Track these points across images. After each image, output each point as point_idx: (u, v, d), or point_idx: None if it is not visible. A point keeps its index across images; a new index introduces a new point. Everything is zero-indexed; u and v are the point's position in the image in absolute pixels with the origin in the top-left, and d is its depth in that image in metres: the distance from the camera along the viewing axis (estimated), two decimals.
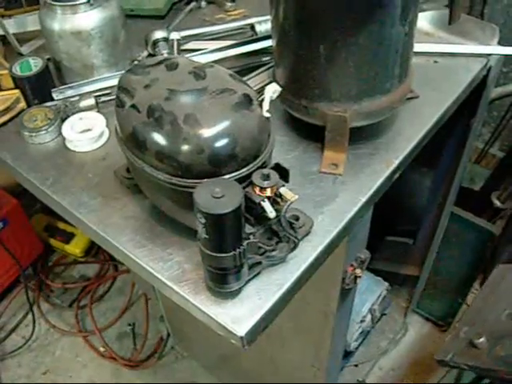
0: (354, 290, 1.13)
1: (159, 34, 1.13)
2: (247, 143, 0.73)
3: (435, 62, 1.15)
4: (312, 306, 1.17)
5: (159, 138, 0.72)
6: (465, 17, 1.21)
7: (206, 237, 0.68)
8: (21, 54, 1.20)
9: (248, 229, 0.73)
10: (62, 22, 1.03)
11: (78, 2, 1.02)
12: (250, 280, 0.78)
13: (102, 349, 1.99)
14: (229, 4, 1.28)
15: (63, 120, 1.03)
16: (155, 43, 1.13)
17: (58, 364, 2.00)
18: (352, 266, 1.01)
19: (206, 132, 0.71)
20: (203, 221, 0.66)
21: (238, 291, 0.77)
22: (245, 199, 0.71)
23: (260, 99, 0.76)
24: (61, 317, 2.11)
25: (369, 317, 1.58)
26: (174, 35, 1.14)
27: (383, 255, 1.77)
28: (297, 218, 0.83)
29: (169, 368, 1.95)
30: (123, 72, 0.82)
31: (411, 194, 1.68)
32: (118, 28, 1.07)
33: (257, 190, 0.72)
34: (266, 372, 1.62)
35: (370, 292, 1.59)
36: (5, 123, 1.07)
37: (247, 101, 0.74)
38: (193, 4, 1.30)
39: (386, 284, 1.64)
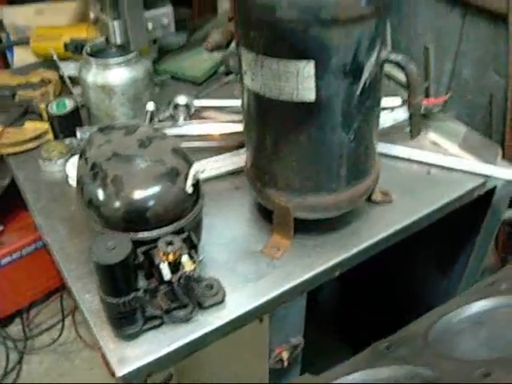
0: (291, 375, 1.15)
1: (181, 100, 1.27)
2: (161, 211, 0.83)
3: (428, 172, 1.18)
4: (252, 377, 1.21)
5: (91, 190, 0.84)
6: (475, 135, 1.23)
7: (98, 281, 0.78)
8: (71, 94, 1.38)
9: (142, 283, 0.82)
10: (94, 75, 1.20)
11: (110, 61, 1.18)
12: (147, 330, 0.86)
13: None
14: None
15: (72, 156, 1.18)
16: (176, 107, 1.26)
17: (75, 371, 2.15)
18: (281, 347, 1.05)
19: (125, 194, 0.82)
20: (95, 267, 0.77)
21: (132, 336, 0.86)
22: (148, 259, 0.82)
23: (187, 176, 0.85)
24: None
25: None
26: (196, 102, 1.27)
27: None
28: (211, 287, 0.91)
29: None
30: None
31: (427, 297, 1.66)
32: (140, 88, 1.21)
33: (161, 253, 0.81)
34: None
35: None
36: (32, 149, 1.24)
37: (173, 174, 0.85)
38: (230, 77, 1.42)
39: None
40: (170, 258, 0.81)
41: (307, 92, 0.82)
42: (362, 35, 0.80)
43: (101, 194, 0.83)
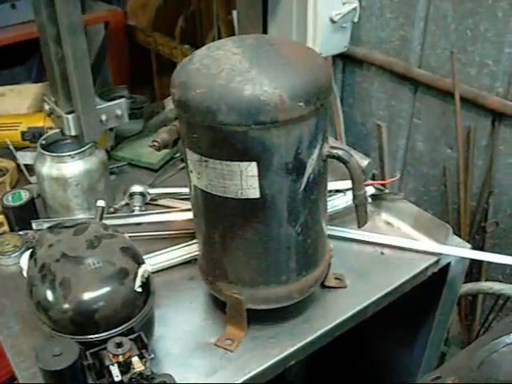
0: None
1: (136, 189, 1.28)
2: (109, 312, 0.83)
3: (382, 253, 1.20)
4: None
5: (40, 292, 0.85)
6: (426, 214, 1.27)
7: None
8: (29, 182, 1.38)
9: None
10: (48, 167, 1.21)
11: (63, 154, 1.20)
12: None
13: None
14: None
15: (27, 249, 1.17)
16: (132, 195, 1.28)
17: None
18: None
19: (74, 296, 0.82)
20: (41, 373, 0.76)
21: None
22: (98, 361, 0.81)
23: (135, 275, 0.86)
24: None
25: None
26: (151, 191, 1.29)
27: None
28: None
29: None
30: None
31: (393, 371, 1.66)
32: (95, 179, 1.23)
33: (110, 355, 0.81)
34: None
35: None
36: None
37: (122, 275, 0.85)
38: None
39: None
40: (120, 359, 0.81)
41: (251, 190, 0.84)
42: (302, 134, 0.83)
43: (49, 297, 0.83)
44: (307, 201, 0.90)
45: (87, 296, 0.82)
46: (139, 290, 0.85)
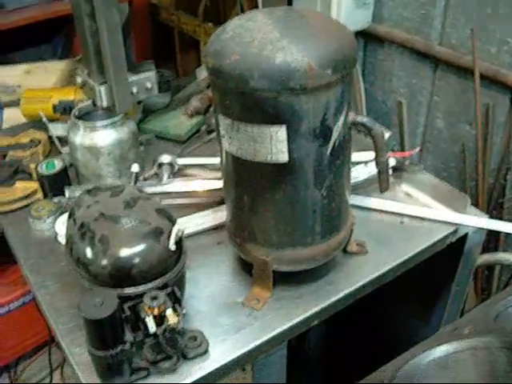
0: None
1: (165, 159, 1.33)
2: (145, 268, 0.88)
3: (401, 222, 1.24)
4: None
5: (79, 249, 0.89)
6: (445, 185, 1.31)
7: (87, 335, 0.83)
8: (60, 153, 1.43)
9: (128, 336, 0.86)
10: (81, 137, 1.26)
11: (96, 124, 1.24)
12: (136, 380, 0.90)
13: None
14: None
15: (61, 214, 1.23)
16: (160, 165, 1.33)
17: None
18: None
19: (112, 252, 0.87)
20: (83, 322, 0.81)
21: None
22: (134, 313, 0.86)
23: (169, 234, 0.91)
24: None
25: None
26: (179, 161, 1.34)
27: None
28: (195, 338, 0.95)
29: None
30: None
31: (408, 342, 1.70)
32: (126, 149, 1.28)
33: (146, 307, 0.86)
34: None
35: None
36: (22, 208, 1.29)
37: (157, 233, 0.90)
38: (213, 135, 1.49)
39: None
40: (155, 312, 0.86)
41: (280, 154, 0.89)
42: (329, 100, 0.87)
43: (89, 253, 0.88)
44: (333, 165, 0.94)
45: (124, 252, 0.87)
46: (173, 248, 0.90)
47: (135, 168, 1.05)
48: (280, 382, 1.10)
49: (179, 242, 0.93)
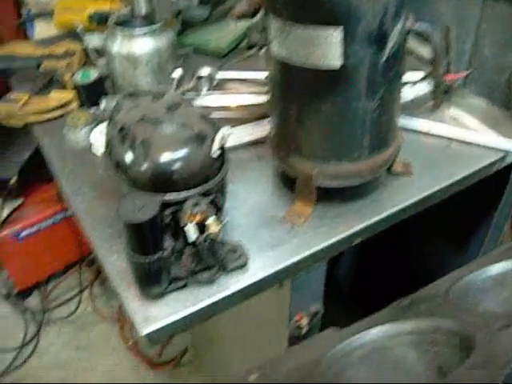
0: None
1: (205, 71, 1.28)
2: (187, 173, 0.84)
3: (448, 146, 1.18)
4: (271, 346, 1.24)
5: (120, 152, 0.86)
6: (495, 109, 1.24)
7: (126, 240, 0.80)
8: (95, 65, 1.39)
9: (167, 243, 0.84)
10: (119, 45, 1.21)
11: (135, 31, 1.20)
12: (173, 290, 0.89)
13: (130, 342, 2.15)
14: None
15: (97, 124, 1.20)
16: (200, 78, 1.28)
17: (91, 343, 2.19)
18: (301, 315, 1.07)
19: (153, 156, 0.83)
20: (123, 226, 0.79)
21: (157, 296, 0.88)
22: (175, 219, 0.84)
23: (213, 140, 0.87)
24: (107, 303, 2.31)
25: None
26: (219, 74, 1.29)
27: None
28: (234, 251, 0.93)
29: (181, 378, 2.06)
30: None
31: (442, 274, 1.67)
32: (164, 59, 1.23)
33: (187, 214, 0.83)
34: None
35: None
36: (57, 118, 1.26)
37: (200, 139, 0.86)
38: (253, 50, 1.43)
39: None
40: (197, 219, 0.83)
41: (333, 59, 0.83)
42: (388, 2, 0.81)
43: (129, 157, 0.85)
44: (386, 76, 0.89)
45: (166, 157, 0.84)
46: (216, 154, 0.87)
47: (177, 73, 1.00)
48: (317, 302, 1.09)
49: (222, 149, 0.89)
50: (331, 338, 0.63)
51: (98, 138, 1.16)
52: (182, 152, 0.84)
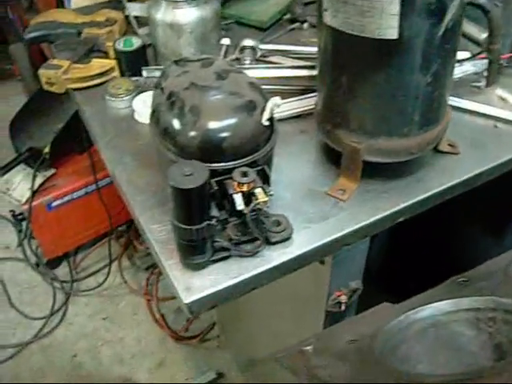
0: (344, 317, 1.17)
1: (248, 42, 1.26)
2: (237, 142, 0.83)
3: (495, 126, 1.16)
4: (308, 321, 1.23)
5: (167, 118, 0.85)
6: None
7: (173, 207, 0.79)
8: (136, 34, 1.38)
9: (214, 212, 0.83)
10: (163, 13, 1.20)
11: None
12: (215, 261, 0.88)
13: (157, 315, 2.17)
14: None
15: (139, 93, 1.19)
16: (243, 49, 1.26)
17: (118, 315, 2.21)
18: (340, 291, 1.06)
19: (202, 123, 0.82)
20: (171, 193, 0.78)
21: (201, 266, 0.87)
22: (221, 189, 0.83)
23: (264, 108, 0.85)
24: (135, 276, 2.32)
25: None
26: (262, 46, 1.27)
27: None
28: (279, 224, 0.91)
29: (207, 352, 2.08)
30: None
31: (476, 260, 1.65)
32: (208, 28, 1.21)
33: (235, 184, 0.82)
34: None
35: None
36: (98, 85, 1.25)
37: (251, 106, 0.85)
38: (296, 24, 1.41)
39: None
40: (244, 188, 0.82)
41: (390, 30, 0.81)
42: None
43: (177, 123, 0.84)
44: (442, 49, 0.86)
45: (216, 124, 0.82)
46: (266, 123, 0.85)
47: (226, 41, 0.98)
48: (357, 279, 1.07)
49: (271, 119, 0.87)
50: (387, 312, 0.62)
51: (141, 107, 1.15)
52: (232, 120, 0.83)
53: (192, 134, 0.82)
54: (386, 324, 0.59)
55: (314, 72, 1.18)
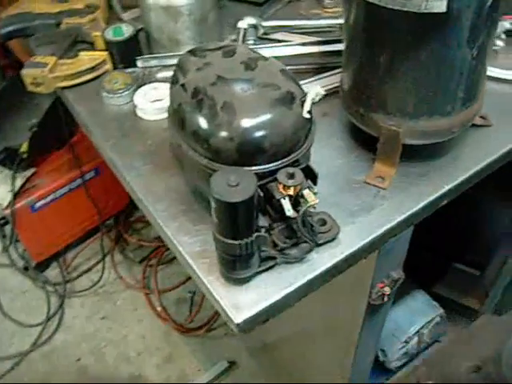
0: (385, 309, 1.11)
1: (249, 21, 1.16)
2: (279, 140, 0.74)
3: None
4: (342, 314, 1.17)
5: (196, 120, 0.75)
6: None
7: (216, 221, 0.70)
8: (121, 20, 1.26)
9: (262, 221, 0.74)
10: None
11: None
12: (261, 272, 0.80)
13: (159, 309, 2.09)
14: (327, 1, 1.28)
15: (139, 87, 1.08)
16: (243, 29, 1.16)
17: (117, 313, 2.12)
18: (383, 282, 0.99)
19: (239, 122, 0.73)
20: (214, 206, 0.69)
21: (246, 280, 0.79)
22: (267, 194, 0.74)
23: (303, 99, 0.77)
24: (130, 270, 2.23)
25: (415, 339, 1.54)
26: (264, 24, 1.17)
27: (447, 281, 1.71)
28: (324, 223, 0.84)
29: (215, 342, 2.01)
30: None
31: (486, 227, 1.61)
32: (206, 9, 1.10)
33: (280, 186, 0.74)
34: (297, 367, 1.63)
35: (421, 314, 1.54)
36: (89, 81, 1.14)
37: (289, 98, 0.76)
38: None
39: (441, 311, 1.57)
40: (291, 191, 0.73)
41: (438, 2, 0.73)
42: None
43: (209, 124, 0.74)
44: (489, 20, 0.78)
45: (254, 121, 0.73)
46: (307, 116, 0.76)
47: (243, 24, 0.87)
48: (398, 268, 1.01)
49: (310, 110, 0.79)
50: (492, 325, 0.55)
51: (143, 102, 1.05)
52: (271, 115, 0.74)
53: (228, 135, 0.73)
54: (504, 343, 0.52)
55: (327, 48, 1.10)
